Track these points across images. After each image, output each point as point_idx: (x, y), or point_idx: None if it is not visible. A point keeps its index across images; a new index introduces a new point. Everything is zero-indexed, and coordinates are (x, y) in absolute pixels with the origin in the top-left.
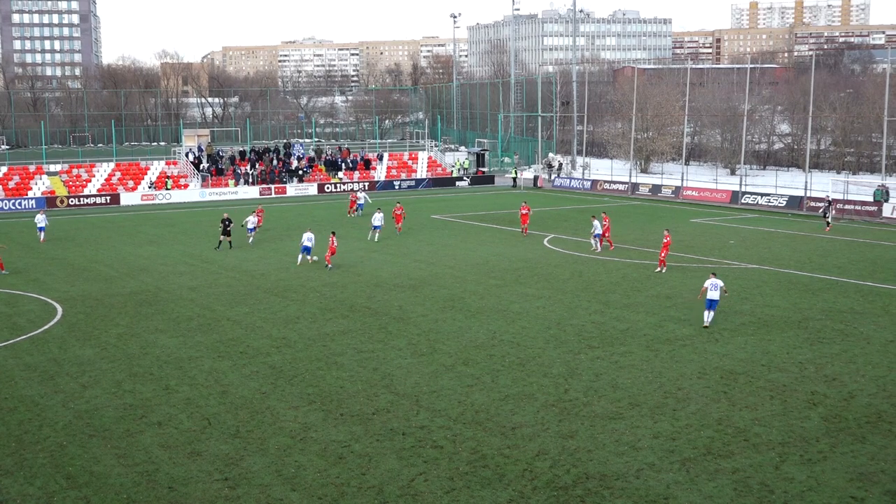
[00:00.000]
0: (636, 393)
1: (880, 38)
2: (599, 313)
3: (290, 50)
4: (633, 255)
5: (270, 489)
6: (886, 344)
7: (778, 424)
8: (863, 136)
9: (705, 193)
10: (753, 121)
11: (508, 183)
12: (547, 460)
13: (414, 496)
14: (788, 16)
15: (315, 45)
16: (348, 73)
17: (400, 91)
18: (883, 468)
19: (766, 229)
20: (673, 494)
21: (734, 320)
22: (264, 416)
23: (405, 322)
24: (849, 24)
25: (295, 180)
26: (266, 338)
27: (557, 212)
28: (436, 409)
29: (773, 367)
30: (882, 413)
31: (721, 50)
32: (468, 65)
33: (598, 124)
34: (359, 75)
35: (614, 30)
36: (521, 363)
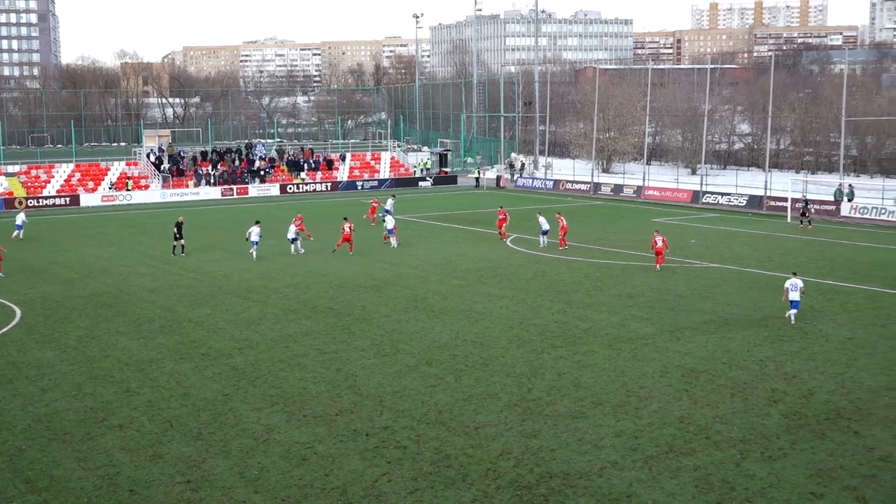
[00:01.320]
0: (599, 392)
1: (838, 39)
2: (562, 313)
3: (251, 50)
4: (596, 255)
5: (233, 491)
6: (845, 341)
7: (739, 422)
8: (821, 135)
9: (667, 193)
10: (714, 121)
11: (471, 183)
12: (510, 460)
13: (378, 497)
14: (748, 16)
15: (277, 45)
16: (310, 73)
17: (362, 91)
18: (842, 464)
19: (727, 228)
20: (635, 492)
21: (695, 319)
22: (227, 418)
23: (368, 323)
24: (807, 25)
25: (257, 181)
26: (228, 339)
27: (520, 212)
28: (399, 409)
29: (734, 365)
30: (841, 410)
31: (682, 50)
32: (430, 65)
33: (560, 124)
34: (321, 75)
35: (576, 30)
36: (484, 363)
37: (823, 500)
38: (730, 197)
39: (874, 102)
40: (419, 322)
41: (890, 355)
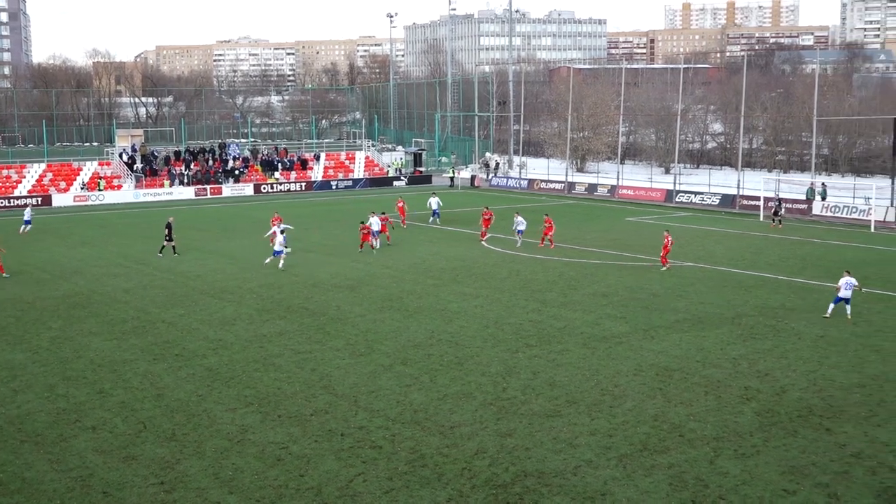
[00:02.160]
0: (573, 391)
1: (809, 39)
2: (537, 312)
3: (225, 49)
4: (570, 254)
5: (207, 492)
6: (817, 339)
7: (712, 420)
8: (793, 135)
9: (640, 192)
10: (687, 120)
11: (446, 182)
12: (485, 459)
13: (353, 497)
14: (720, 17)
15: (250, 45)
16: (284, 72)
17: (336, 91)
18: (814, 461)
19: (700, 227)
20: (610, 490)
21: (669, 317)
22: (201, 419)
23: (343, 322)
24: (779, 26)
25: (231, 181)
26: (202, 340)
27: (495, 211)
28: (374, 409)
29: (707, 363)
30: (813, 407)
31: (655, 50)
32: (405, 64)
33: (534, 124)
34: (295, 75)
35: (550, 30)
36: (459, 362)
37: (796, 497)
38: (703, 196)
39: (845, 102)
40: (394, 322)
41: (861, 353)
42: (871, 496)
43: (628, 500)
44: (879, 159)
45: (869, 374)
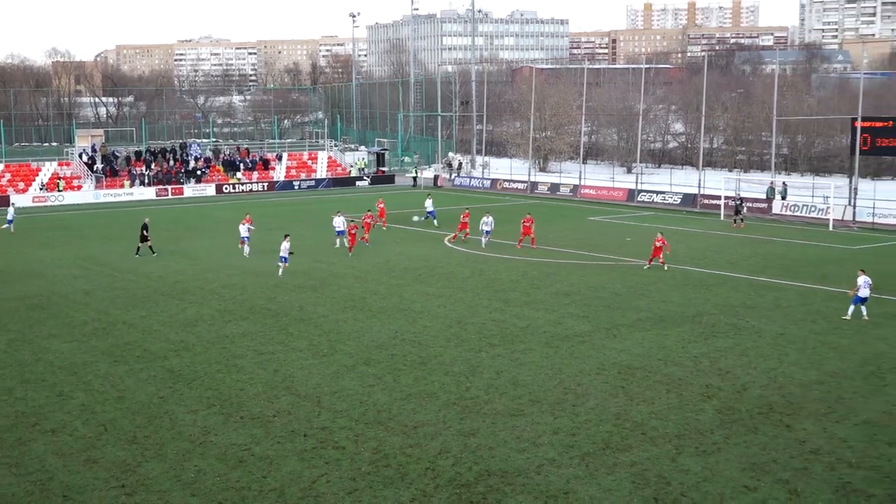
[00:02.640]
0: (536, 390)
1: (769, 40)
2: (500, 311)
3: (186, 49)
4: (533, 254)
5: (169, 495)
6: (777, 337)
7: (674, 417)
8: (753, 134)
9: (603, 192)
10: (648, 120)
11: (409, 182)
12: (449, 458)
13: (316, 498)
14: (681, 17)
15: (212, 44)
16: (246, 72)
17: (299, 90)
18: (774, 458)
19: (662, 226)
20: (573, 489)
21: (631, 316)
22: (162, 421)
23: (306, 323)
24: (739, 26)
25: (192, 181)
26: (164, 341)
27: (458, 211)
28: (337, 409)
29: (669, 361)
30: (773, 404)
31: (617, 50)
32: (368, 64)
33: (497, 123)
34: (257, 74)
35: (512, 30)
36: (422, 362)
37: (757, 494)
38: (664, 195)
39: (804, 102)
40: (357, 322)
41: (820, 350)
42: (829, 492)
43: (591, 498)
44: (837, 159)
45: (827, 371)
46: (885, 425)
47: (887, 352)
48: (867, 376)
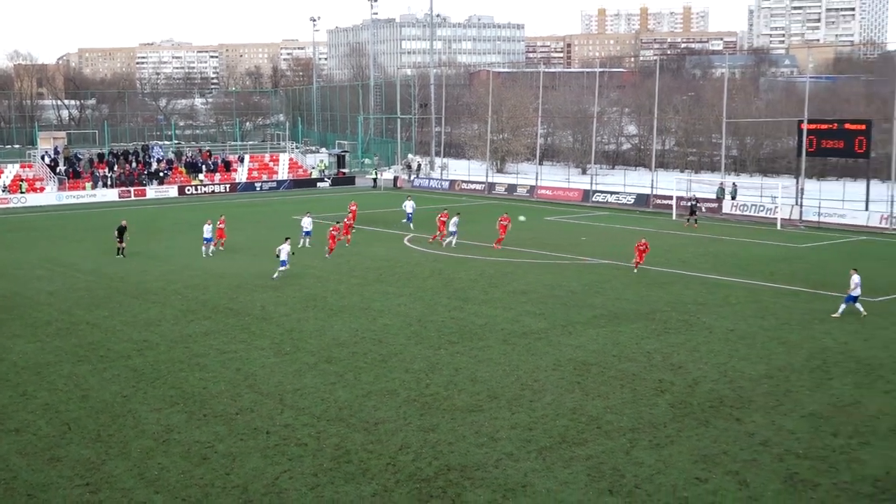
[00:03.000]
0: (494, 386)
1: (718, 45)
2: (458, 309)
3: (148, 52)
4: (491, 253)
5: (133, 493)
6: (727, 333)
7: (628, 412)
8: (704, 136)
9: (558, 192)
10: (603, 122)
11: (369, 184)
12: (409, 454)
13: (279, 494)
14: (634, 22)
15: (173, 48)
16: (208, 75)
17: (260, 93)
18: (725, 450)
19: (616, 226)
20: (530, 482)
21: (586, 313)
22: (126, 420)
23: (268, 322)
24: (690, 31)
25: (155, 182)
26: (127, 341)
27: (417, 211)
28: (299, 407)
29: (623, 357)
30: (724, 398)
31: (572, 54)
32: (328, 67)
33: (455, 126)
34: (219, 77)
35: (470, 34)
36: (383, 360)
37: (708, 485)
38: (618, 196)
39: (752, 105)
40: (318, 320)
41: (768, 346)
42: (778, 482)
43: (548, 491)
44: (785, 160)
45: (776, 366)
46: (829, 417)
47: (832, 346)
48: (813, 370)
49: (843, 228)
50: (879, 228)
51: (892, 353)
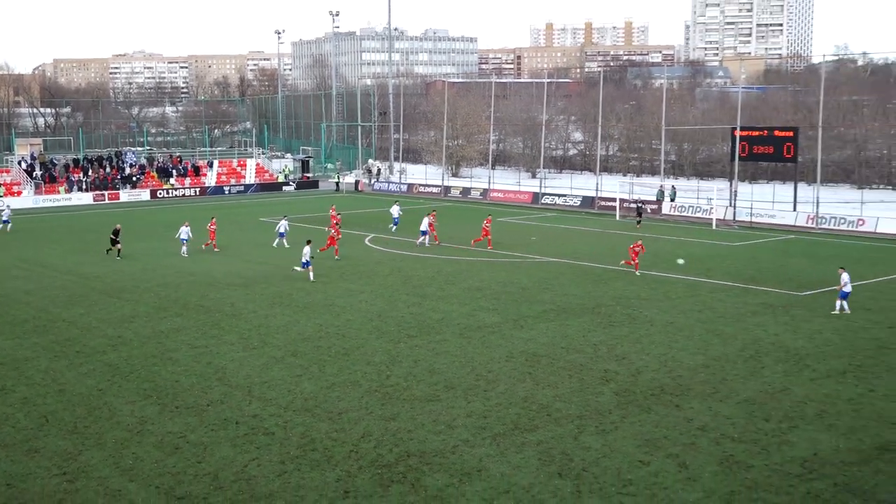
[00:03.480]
0: (451, 376)
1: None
2: (417, 305)
3: (120, 62)
4: (447, 252)
5: (108, 481)
6: (667, 325)
7: (576, 400)
8: (644, 142)
9: (510, 194)
10: (551, 129)
11: (332, 187)
12: (371, 441)
13: (248, 480)
14: (579, 36)
15: (145, 58)
16: (178, 84)
17: (228, 102)
18: (665, 434)
19: (564, 226)
20: (485, 467)
21: (537, 308)
22: (101, 412)
23: (237, 318)
24: (631, 44)
25: (128, 187)
26: (102, 337)
27: (377, 213)
28: (267, 398)
29: (571, 348)
30: (664, 386)
31: (521, 66)
32: (292, 78)
33: (413, 133)
34: (188, 87)
35: (426, 46)
36: (346, 353)
37: (650, 467)
38: (566, 198)
39: (689, 113)
40: (285, 316)
41: (705, 337)
42: (714, 464)
43: (502, 475)
44: (719, 164)
45: (712, 356)
46: (762, 403)
47: (764, 338)
48: (747, 360)
49: (773, 228)
50: (806, 228)
51: (817, 344)
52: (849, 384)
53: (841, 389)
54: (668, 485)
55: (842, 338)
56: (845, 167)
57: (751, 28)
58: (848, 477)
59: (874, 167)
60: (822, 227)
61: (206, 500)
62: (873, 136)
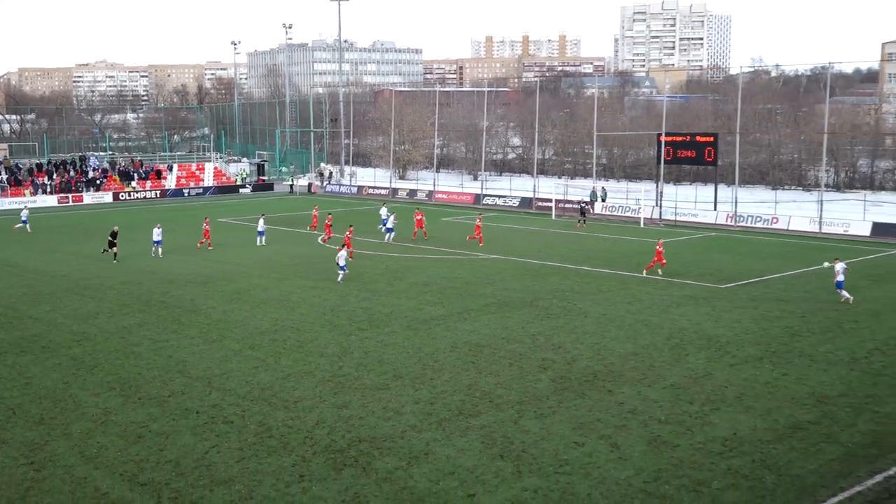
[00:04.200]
0: (399, 366)
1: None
2: (367, 300)
3: (83, 72)
4: (395, 250)
5: (74, 469)
6: (600, 317)
7: (516, 387)
8: (578, 147)
9: (453, 196)
10: (491, 135)
11: (286, 190)
12: (325, 428)
13: (208, 467)
14: (517, 48)
15: (107, 68)
16: (139, 92)
17: (187, 109)
18: (599, 418)
19: (504, 225)
20: (432, 450)
21: (479, 302)
22: (67, 404)
23: (197, 314)
24: (565, 56)
25: (91, 189)
26: (67, 333)
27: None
28: (226, 388)
29: (511, 339)
30: (597, 373)
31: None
32: (248, 86)
33: (362, 138)
34: (149, 95)
35: (374, 57)
36: (300, 345)
37: (584, 448)
38: (505, 199)
39: (619, 120)
40: (242, 311)
41: (634, 327)
42: (643, 444)
43: (447, 457)
44: (646, 167)
45: (641, 344)
46: (686, 387)
47: (688, 327)
48: (672, 347)
49: (695, 226)
50: (726, 225)
51: (736, 332)
52: (765, 369)
53: (758, 374)
54: (601, 464)
55: (758, 326)
56: (761, 170)
57: (674, 42)
58: (764, 454)
59: (787, 170)
60: (740, 224)
61: (169, 485)
62: (786, 142)
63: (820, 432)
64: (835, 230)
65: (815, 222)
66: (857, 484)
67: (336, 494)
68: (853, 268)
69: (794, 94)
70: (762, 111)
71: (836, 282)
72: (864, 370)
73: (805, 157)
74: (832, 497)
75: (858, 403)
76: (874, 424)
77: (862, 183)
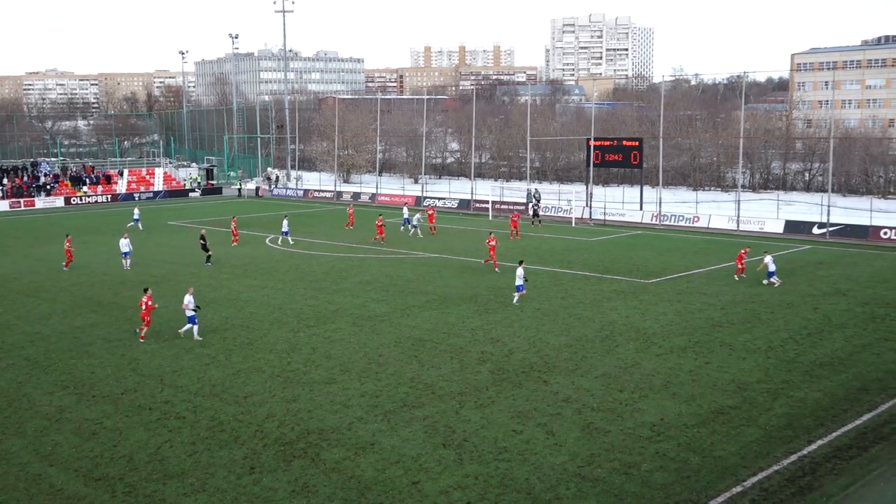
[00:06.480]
0: (346, 361)
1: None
2: (314, 298)
3: (34, 80)
4: (340, 250)
5: (29, 466)
6: (535, 311)
7: (457, 379)
8: (512, 151)
9: (395, 198)
10: (430, 140)
11: (234, 193)
12: (274, 421)
13: (161, 461)
14: (454, 58)
15: (58, 76)
16: (89, 100)
17: (137, 116)
18: (535, 406)
19: (443, 226)
20: (378, 441)
21: (421, 298)
22: (21, 403)
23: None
24: (499, 66)
25: (43, 194)
26: (20, 334)
27: (276, 216)
28: (178, 385)
29: (452, 333)
30: (533, 364)
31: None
32: (196, 94)
33: (307, 143)
34: (99, 102)
35: (318, 66)
36: (250, 342)
37: (522, 436)
38: (445, 200)
39: (551, 126)
40: None
41: (568, 321)
42: (577, 430)
43: (392, 447)
44: (577, 170)
45: (574, 337)
46: (617, 377)
47: (618, 320)
48: (603, 339)
49: (623, 225)
50: (651, 224)
51: (662, 325)
52: (689, 358)
53: (682, 363)
54: (538, 450)
55: (682, 319)
56: (682, 172)
57: (601, 52)
58: (689, 437)
59: (706, 172)
60: (665, 223)
61: (123, 480)
62: (705, 146)
63: (740, 416)
64: (751, 227)
65: (733, 220)
66: (774, 464)
67: (286, 485)
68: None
69: (712, 101)
70: (683, 117)
71: (768, 272)
72: (779, 358)
73: (723, 159)
74: (752, 476)
75: (775, 389)
76: (789, 408)
77: (775, 183)
